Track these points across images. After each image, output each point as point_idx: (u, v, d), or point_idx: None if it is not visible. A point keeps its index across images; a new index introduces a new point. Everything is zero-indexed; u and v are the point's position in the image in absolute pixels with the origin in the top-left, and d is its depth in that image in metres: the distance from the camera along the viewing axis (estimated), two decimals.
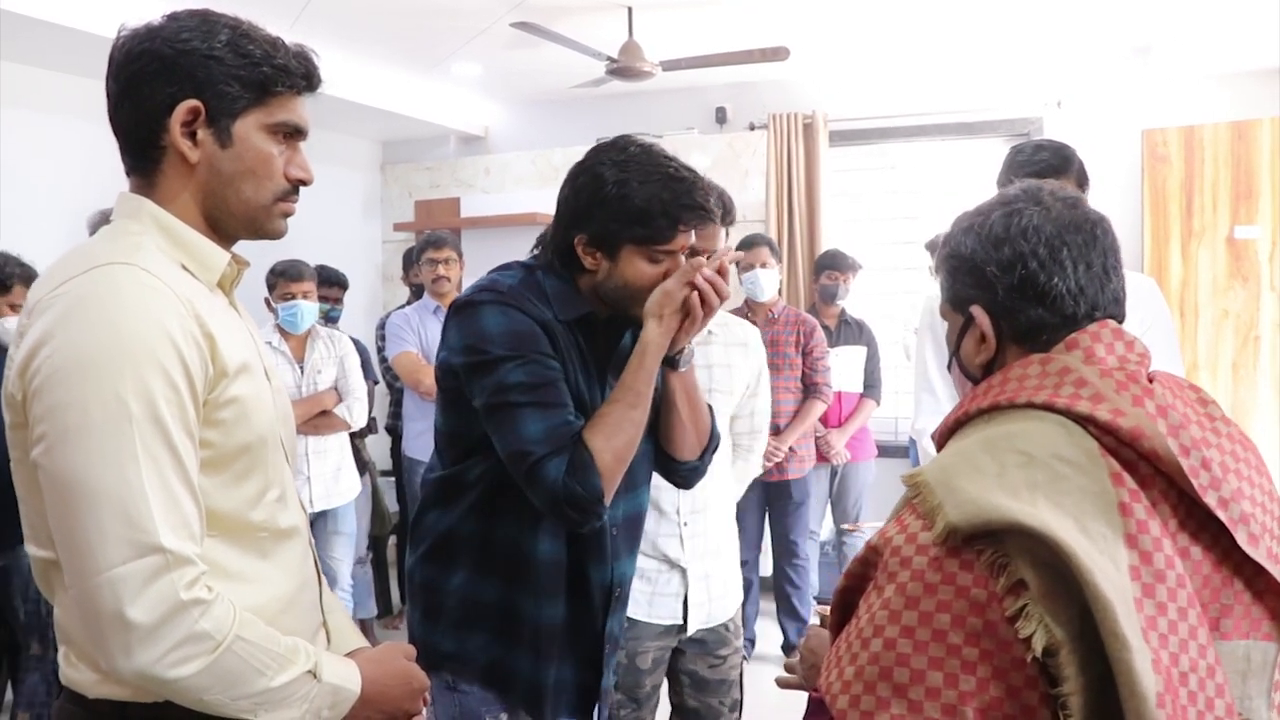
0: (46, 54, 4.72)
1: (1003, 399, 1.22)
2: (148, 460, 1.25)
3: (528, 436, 1.82)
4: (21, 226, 4.45)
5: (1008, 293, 1.25)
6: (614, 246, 1.89)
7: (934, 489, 1.14)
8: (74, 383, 1.24)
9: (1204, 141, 5.37)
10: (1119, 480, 1.12)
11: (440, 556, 2.02)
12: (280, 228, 1.48)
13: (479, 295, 1.90)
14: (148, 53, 1.37)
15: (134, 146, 1.41)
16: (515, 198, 6.74)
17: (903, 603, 1.10)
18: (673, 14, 5.11)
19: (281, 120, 1.43)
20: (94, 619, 1.25)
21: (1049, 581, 1.04)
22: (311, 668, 1.38)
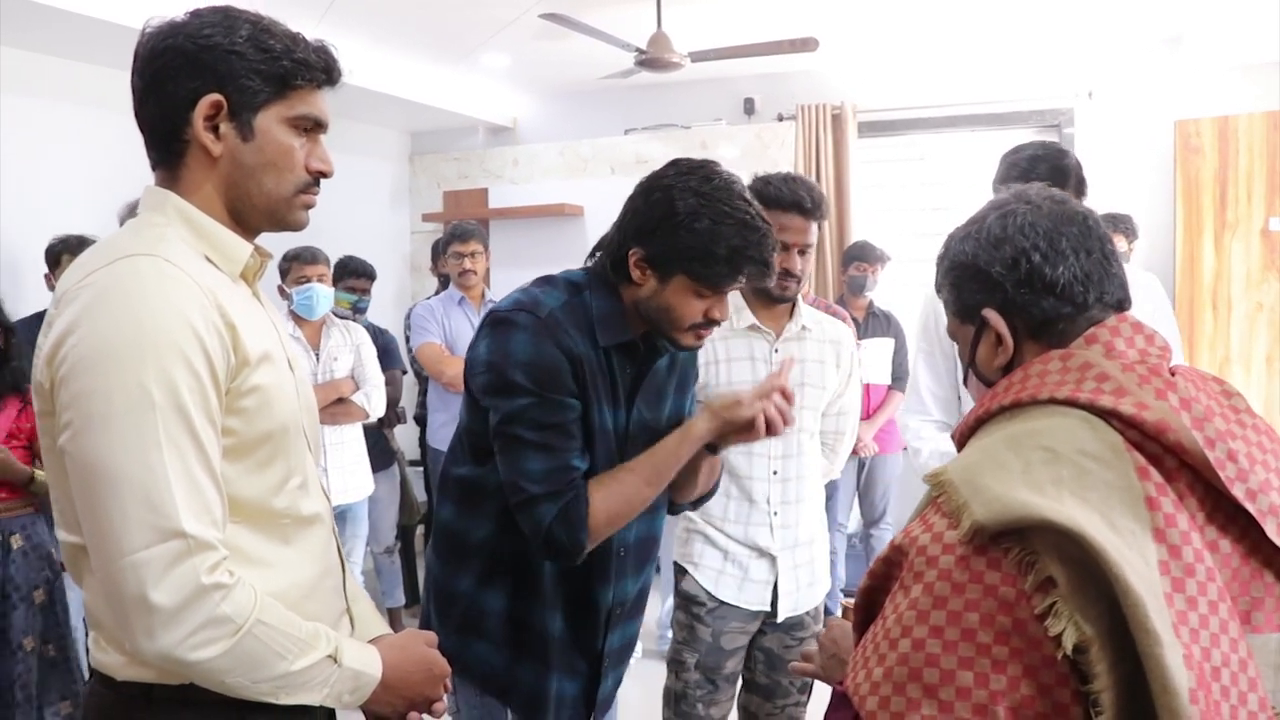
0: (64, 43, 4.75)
1: (1024, 395, 1.22)
2: (170, 447, 1.27)
3: (527, 473, 1.85)
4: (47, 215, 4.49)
5: (1016, 289, 1.27)
6: (668, 271, 1.89)
7: (958, 487, 1.13)
8: (98, 371, 1.26)
9: (1238, 132, 5.31)
10: (1145, 474, 1.11)
11: (451, 557, 2.05)
12: (301, 219, 1.51)
13: (517, 314, 1.89)
14: (171, 48, 1.40)
15: (159, 140, 1.44)
16: (543, 188, 6.76)
17: (930, 602, 1.09)
18: (701, 5, 5.10)
19: (302, 113, 1.46)
20: (118, 602, 1.28)
21: (1077, 578, 1.03)
22: (332, 652, 1.41)
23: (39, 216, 4.53)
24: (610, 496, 1.88)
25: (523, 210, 6.69)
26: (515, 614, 2.00)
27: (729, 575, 2.68)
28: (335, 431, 4.46)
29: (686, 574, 2.72)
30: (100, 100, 5.01)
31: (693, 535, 2.73)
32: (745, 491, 2.68)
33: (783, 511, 2.70)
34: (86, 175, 4.92)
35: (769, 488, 2.68)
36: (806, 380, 2.73)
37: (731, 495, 2.67)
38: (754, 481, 2.67)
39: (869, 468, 5.42)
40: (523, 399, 1.85)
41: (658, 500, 2.07)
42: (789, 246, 2.60)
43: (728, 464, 2.65)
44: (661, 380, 2.07)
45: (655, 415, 2.07)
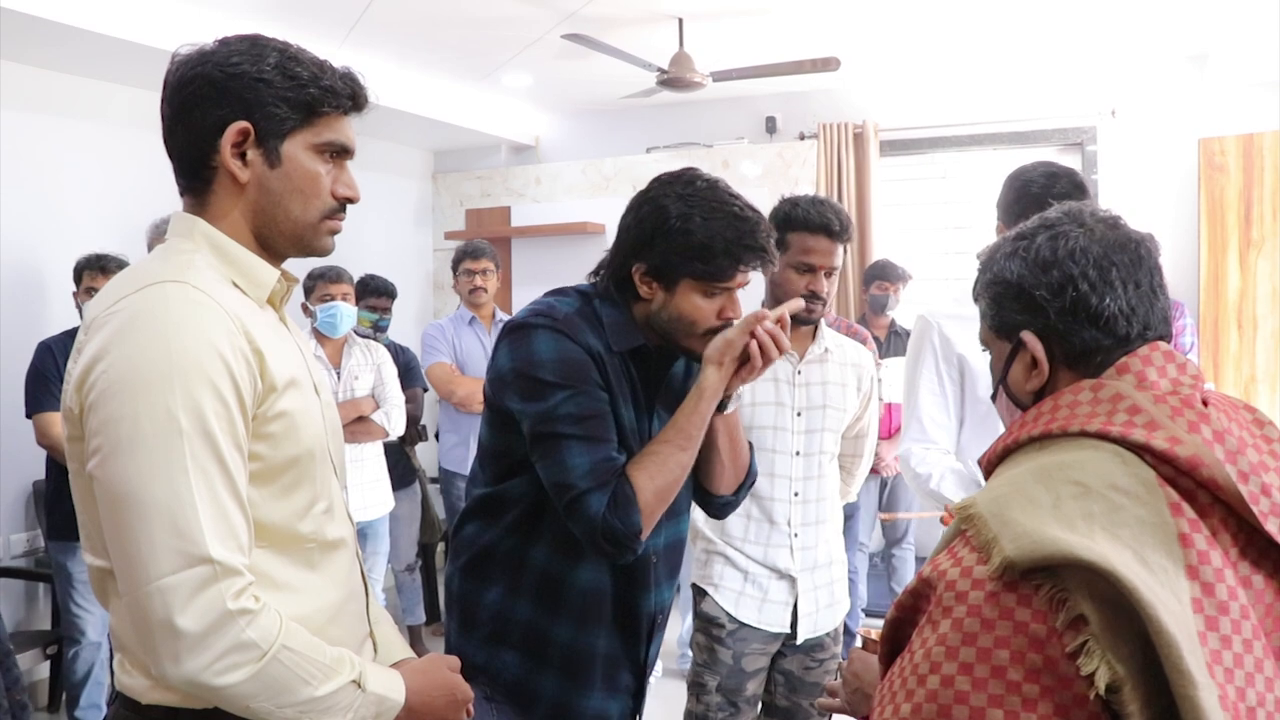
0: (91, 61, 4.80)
1: (1054, 427, 1.20)
2: (197, 473, 1.28)
3: (573, 469, 1.84)
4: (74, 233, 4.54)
5: (1060, 315, 1.24)
6: (672, 279, 1.90)
7: (987, 521, 1.11)
8: (126, 397, 1.28)
9: (1262, 150, 5.29)
10: (1178, 510, 1.09)
11: (477, 570, 2.05)
12: (328, 245, 1.52)
13: (533, 319, 1.91)
14: (200, 77, 1.42)
15: (187, 167, 1.46)
16: (566, 207, 6.78)
17: (960, 639, 1.07)
18: (723, 25, 5.12)
19: (328, 140, 1.47)
20: (144, 626, 1.29)
21: (1109, 616, 1.02)
22: (356, 678, 1.41)
23: (66, 234, 4.59)
24: (652, 473, 1.87)
25: (545, 228, 6.71)
26: (540, 625, 1.99)
27: (749, 597, 2.67)
28: (354, 449, 4.48)
29: (706, 596, 2.71)
30: (129, 118, 5.07)
31: (712, 557, 2.72)
32: (766, 513, 2.68)
33: (803, 533, 2.70)
34: (113, 193, 4.98)
35: (790, 509, 2.69)
36: (828, 402, 2.73)
37: (752, 516, 2.67)
38: (775, 503, 2.68)
39: (891, 487, 5.39)
40: (557, 395, 1.85)
41: (680, 504, 2.07)
42: (816, 269, 2.61)
43: None
44: (679, 387, 2.07)
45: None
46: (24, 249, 4.62)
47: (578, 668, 2.01)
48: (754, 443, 2.64)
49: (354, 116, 1.52)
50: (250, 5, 4.47)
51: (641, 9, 4.86)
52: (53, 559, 4.16)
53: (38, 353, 4.08)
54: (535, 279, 6.41)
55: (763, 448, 2.66)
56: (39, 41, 4.34)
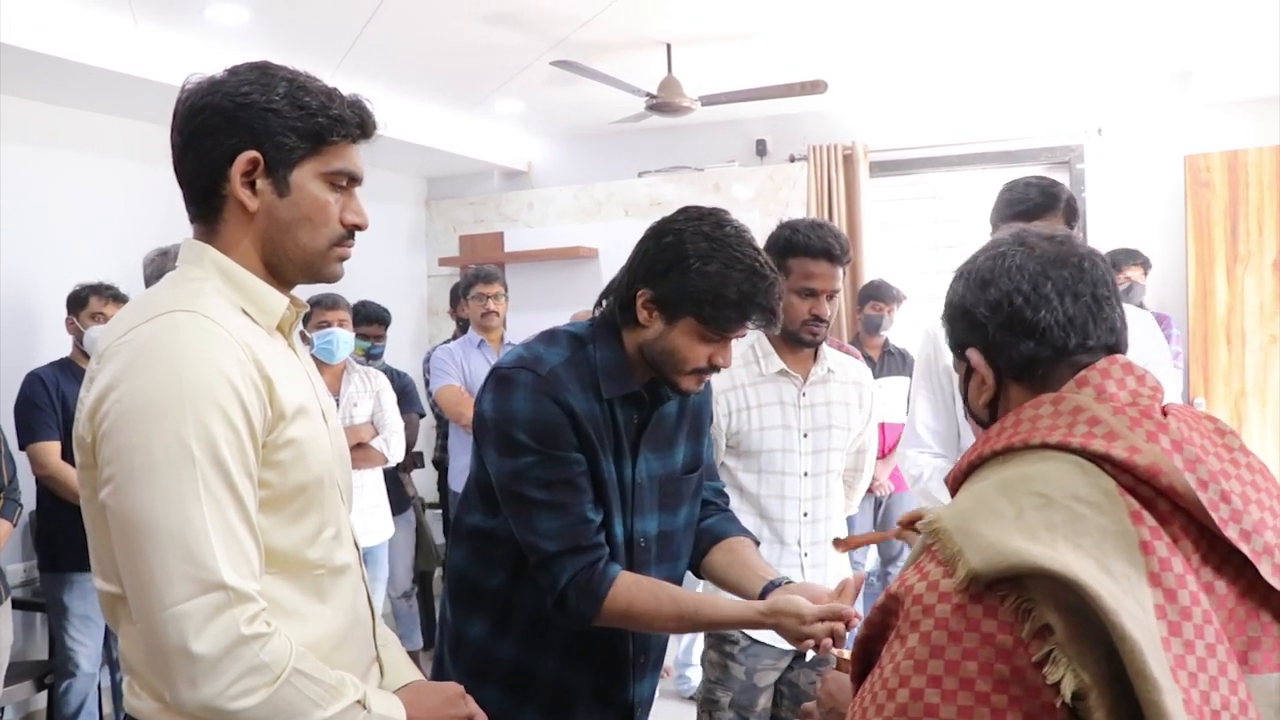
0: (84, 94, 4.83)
1: (1016, 440, 1.22)
2: (209, 500, 1.30)
3: (541, 531, 1.87)
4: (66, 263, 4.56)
5: (998, 330, 1.28)
6: (675, 313, 1.89)
7: (952, 535, 1.13)
8: (139, 426, 1.29)
9: (1248, 166, 5.33)
10: (1138, 518, 1.11)
11: (464, 603, 2.05)
12: (336, 272, 1.53)
13: (518, 372, 1.90)
14: (210, 106, 1.43)
15: (197, 195, 1.47)
16: (558, 231, 6.82)
17: (928, 651, 1.08)
18: (711, 50, 5.16)
19: (337, 169, 1.48)
20: (160, 653, 1.30)
21: (1074, 625, 1.03)
22: (360, 698, 1.42)
23: (60, 265, 4.59)
24: (639, 598, 1.88)
25: (538, 253, 6.74)
26: (526, 663, 2.00)
27: None
28: (354, 475, 4.46)
29: None
30: (122, 150, 5.10)
31: None
32: (777, 534, 2.70)
33: (813, 552, 2.73)
34: (106, 224, 5.00)
35: (800, 529, 2.71)
36: (833, 423, 2.76)
37: (763, 537, 2.68)
38: (785, 524, 2.70)
39: (886, 506, 5.40)
40: (527, 457, 1.86)
41: (680, 549, 2.09)
42: (818, 293, 2.65)
43: (760, 506, 2.68)
44: (670, 427, 2.08)
45: (667, 463, 2.07)
46: (18, 280, 4.63)
47: (562, 704, 2.02)
48: (763, 466, 2.68)
49: (363, 144, 1.53)
50: (243, 35, 4.50)
51: (630, 35, 4.90)
52: (46, 591, 4.15)
53: (28, 383, 4.08)
54: (529, 303, 6.43)
55: (772, 470, 2.69)
56: (33, 74, 4.37)
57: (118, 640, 1.48)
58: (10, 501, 3.74)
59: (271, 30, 4.46)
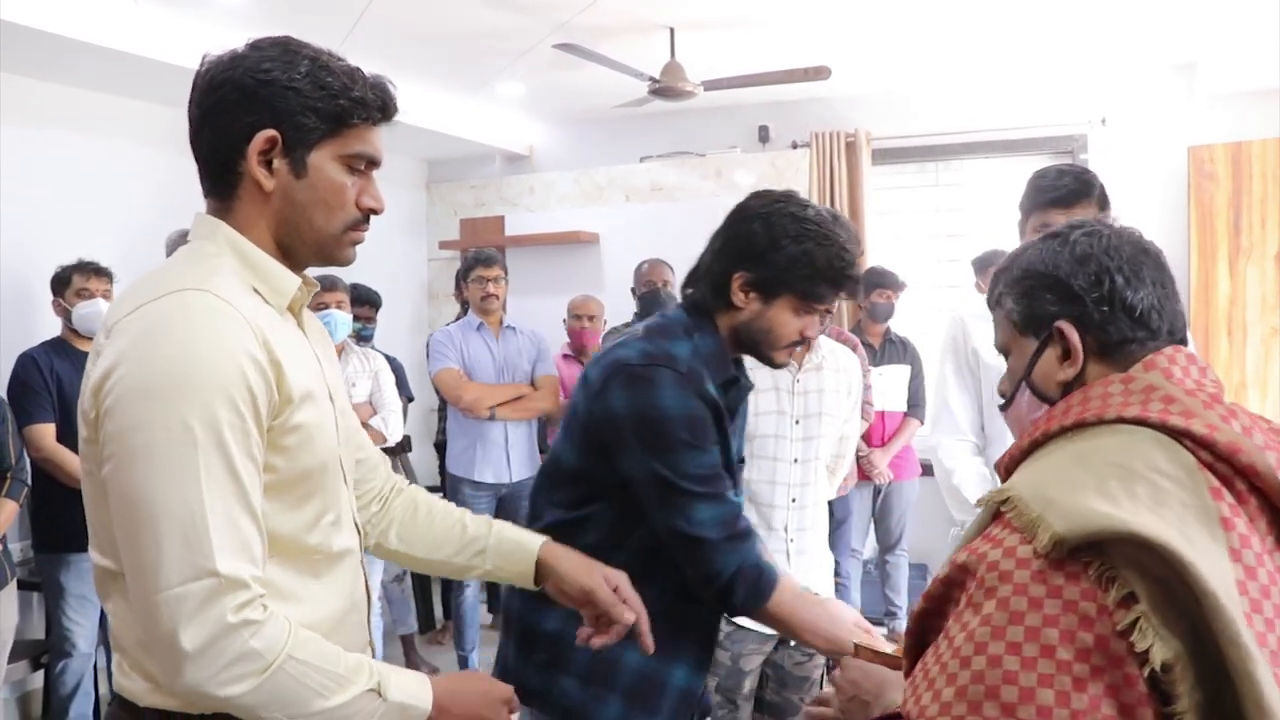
0: (71, 71, 4.81)
1: (1089, 415, 1.21)
2: (210, 484, 1.28)
3: (701, 521, 1.91)
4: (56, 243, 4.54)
5: (1096, 305, 1.26)
6: (773, 292, 1.98)
7: (1029, 502, 1.11)
8: (142, 406, 1.27)
9: (1251, 157, 5.32)
10: (1218, 495, 1.09)
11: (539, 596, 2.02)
12: (349, 255, 1.52)
13: (654, 370, 1.92)
14: (229, 82, 1.40)
15: (212, 171, 1.45)
16: (559, 216, 6.80)
17: (1006, 618, 1.05)
18: (714, 34, 5.14)
19: (357, 151, 1.46)
20: (153, 635, 1.29)
21: (1159, 593, 1.01)
22: (374, 686, 1.39)
23: (55, 245, 4.57)
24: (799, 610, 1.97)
25: (539, 237, 6.73)
26: (609, 652, 1.95)
27: None
28: None
29: None
30: (111, 129, 5.09)
31: None
32: (765, 519, 2.71)
33: (799, 538, 2.74)
34: (102, 203, 4.99)
35: (787, 515, 2.72)
36: (824, 410, 2.78)
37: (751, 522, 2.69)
38: (774, 509, 2.71)
39: (885, 494, 5.41)
40: (684, 452, 1.90)
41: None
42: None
43: (750, 490, 2.69)
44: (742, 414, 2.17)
45: (739, 444, 2.16)
46: (15, 260, 4.62)
47: (647, 696, 2.02)
48: (755, 451, 2.70)
49: (384, 126, 1.51)
50: (243, 15, 4.48)
51: (633, 19, 4.88)
52: (42, 572, 4.15)
53: (20, 364, 4.07)
54: (529, 287, 6.42)
55: (764, 455, 2.71)
56: (31, 52, 4.34)
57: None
58: (17, 481, 3.74)
59: (272, 10, 4.44)
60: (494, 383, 4.91)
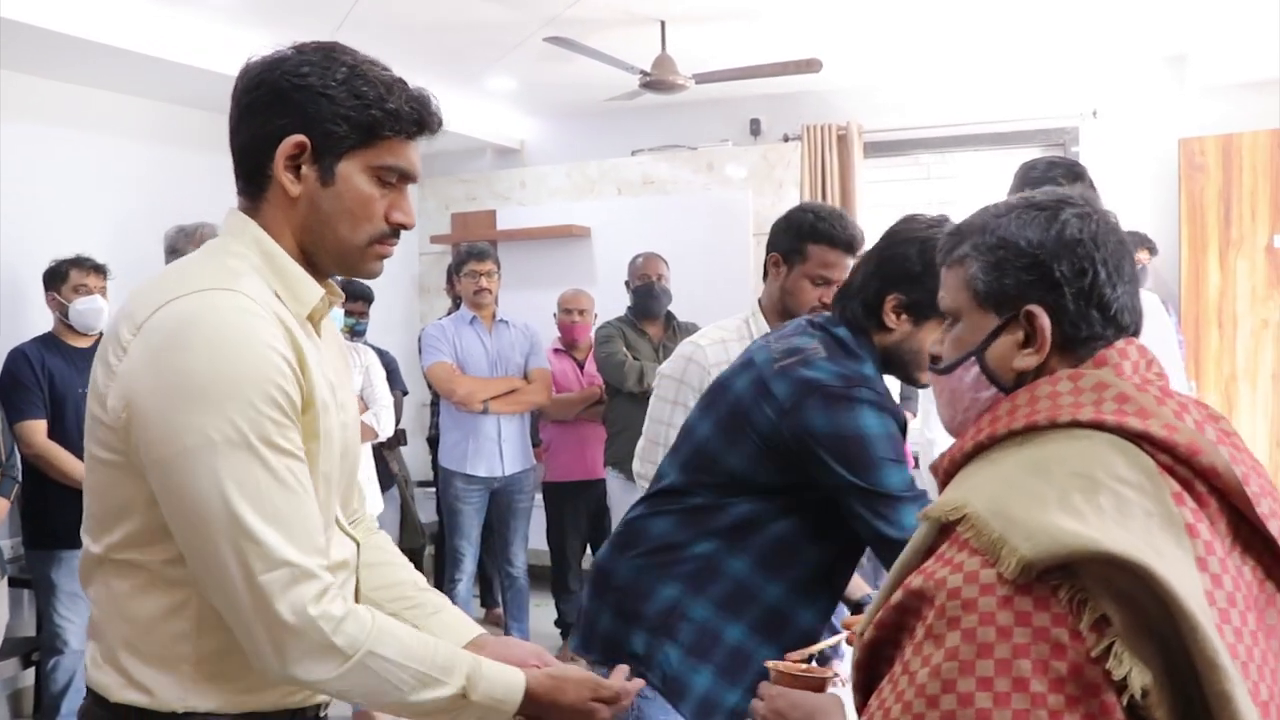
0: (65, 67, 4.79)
1: (1041, 419, 1.13)
2: (266, 481, 1.29)
3: (908, 525, 1.93)
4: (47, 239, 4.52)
5: (1075, 297, 1.18)
6: (925, 316, 2.00)
7: (987, 521, 1.03)
8: (188, 409, 1.27)
9: (1242, 150, 5.33)
10: (1180, 500, 1.04)
11: (657, 565, 2.07)
12: (374, 269, 1.49)
13: (855, 391, 1.97)
14: (266, 83, 1.40)
15: (244, 170, 1.44)
16: (551, 210, 6.78)
17: (974, 651, 0.99)
18: (705, 27, 5.13)
19: (387, 164, 1.44)
20: (238, 627, 1.31)
21: (1130, 615, 0.96)
22: (461, 689, 1.40)
23: (45, 240, 4.55)
24: None
25: (530, 231, 6.71)
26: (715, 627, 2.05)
27: None
28: None
29: None
30: (107, 125, 5.06)
31: None
32: None
33: None
34: (91, 200, 4.96)
35: None
36: None
37: None
38: None
39: None
40: (889, 469, 1.95)
41: None
42: (831, 282, 2.69)
43: None
44: None
45: None
46: (5, 255, 4.60)
47: (736, 670, 2.05)
48: None
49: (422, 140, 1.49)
50: (235, 10, 4.46)
51: (623, 12, 4.87)
52: (34, 568, 4.14)
53: (11, 360, 4.06)
54: (522, 282, 6.41)
55: None
56: (23, 47, 4.32)
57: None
58: (7, 478, 3.73)
59: (266, 5, 4.42)
60: (487, 376, 4.92)
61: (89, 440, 1.39)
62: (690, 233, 6.02)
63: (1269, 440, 5.35)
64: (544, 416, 5.36)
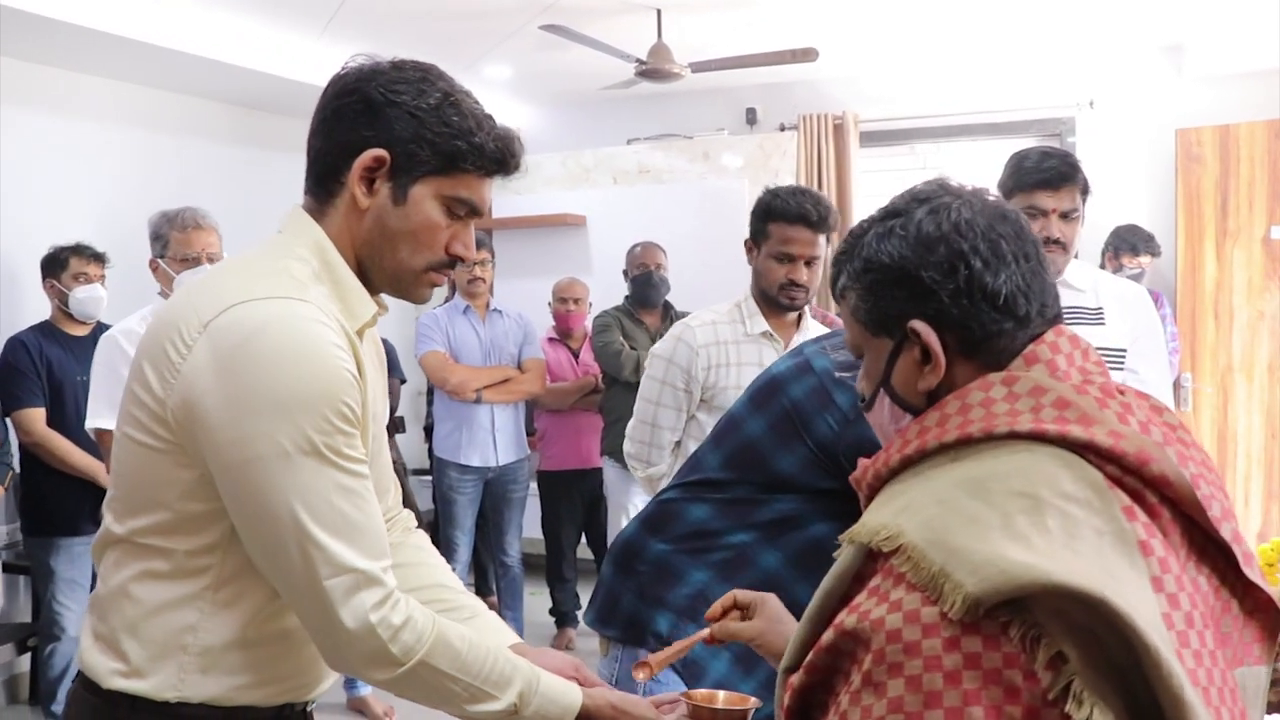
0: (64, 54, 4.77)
1: (974, 430, 1.03)
2: (335, 489, 1.31)
3: None
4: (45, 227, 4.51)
5: (953, 298, 1.08)
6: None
7: (925, 552, 0.94)
8: (264, 417, 1.28)
9: (1239, 140, 5.32)
10: (1131, 515, 0.96)
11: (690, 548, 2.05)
12: (424, 295, 1.51)
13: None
14: (359, 92, 1.40)
15: (318, 173, 1.44)
16: (547, 198, 6.77)
17: (920, 701, 0.90)
18: (701, 16, 5.12)
19: (460, 196, 1.44)
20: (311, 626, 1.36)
21: (1087, 649, 0.88)
22: (512, 705, 1.42)
23: (37, 227, 4.54)
24: None
25: (525, 220, 6.70)
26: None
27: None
28: None
29: None
30: (100, 112, 5.05)
31: None
32: None
33: None
34: (85, 187, 4.95)
35: None
36: None
37: None
38: None
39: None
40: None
41: None
42: (795, 258, 2.70)
43: None
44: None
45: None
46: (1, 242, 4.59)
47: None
48: None
49: (497, 179, 1.49)
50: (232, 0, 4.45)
51: (619, 0, 4.86)
52: (32, 556, 4.14)
53: (10, 348, 4.05)
54: (516, 270, 6.39)
55: None
56: (13, 33, 4.30)
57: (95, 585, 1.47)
58: (2, 465, 3.73)
59: None
60: (480, 365, 4.91)
61: (124, 422, 1.39)
62: (686, 222, 6.00)
63: (1265, 432, 5.36)
64: (539, 406, 5.35)
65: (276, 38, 5.00)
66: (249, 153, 5.86)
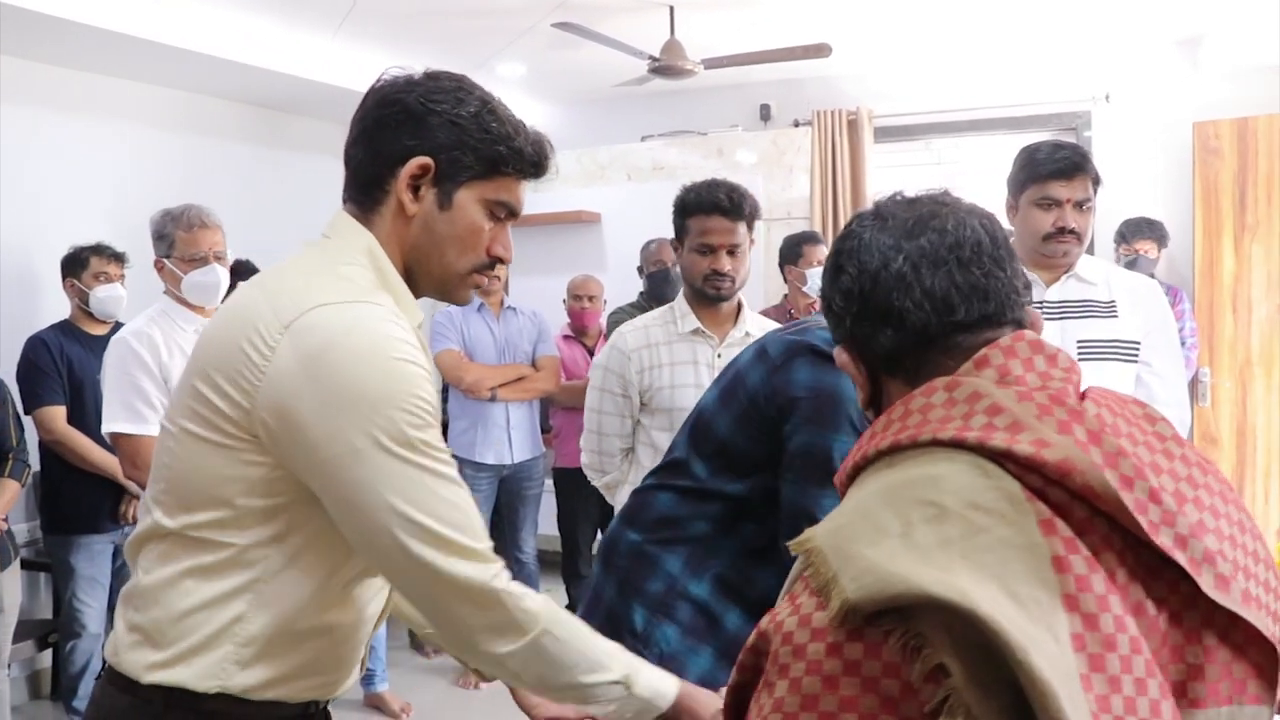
0: (75, 54, 4.79)
1: (904, 437, 1.03)
2: (431, 478, 1.35)
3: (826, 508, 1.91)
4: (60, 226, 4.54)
5: (856, 321, 1.13)
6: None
7: (827, 557, 0.94)
8: (355, 413, 1.31)
9: (1257, 133, 5.29)
10: (1050, 528, 0.92)
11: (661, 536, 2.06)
12: (467, 297, 1.57)
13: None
14: (400, 103, 1.45)
15: (360, 183, 1.49)
16: (561, 196, 6.77)
17: (798, 703, 0.90)
18: (714, 12, 5.11)
19: (502, 199, 1.51)
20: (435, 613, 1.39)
21: (974, 665, 0.85)
22: (622, 679, 1.46)
23: (58, 228, 4.56)
24: None
25: (540, 217, 6.70)
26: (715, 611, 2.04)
27: None
28: None
29: None
30: (114, 112, 5.07)
31: None
32: None
33: None
34: (104, 186, 4.98)
35: None
36: None
37: None
38: None
39: None
40: (846, 435, 1.90)
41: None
42: (715, 248, 2.73)
43: None
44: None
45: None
46: (15, 242, 4.62)
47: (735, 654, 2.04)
48: (675, 424, 2.70)
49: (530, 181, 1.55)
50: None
51: None
52: (52, 553, 4.17)
53: (30, 346, 4.08)
54: (531, 268, 6.40)
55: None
56: (29, 34, 4.33)
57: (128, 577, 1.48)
58: (19, 462, 3.76)
59: None
60: (495, 363, 4.92)
61: (183, 417, 1.40)
62: None
63: None
64: (554, 403, 5.36)
65: (290, 37, 5.02)
66: (261, 152, 5.88)
